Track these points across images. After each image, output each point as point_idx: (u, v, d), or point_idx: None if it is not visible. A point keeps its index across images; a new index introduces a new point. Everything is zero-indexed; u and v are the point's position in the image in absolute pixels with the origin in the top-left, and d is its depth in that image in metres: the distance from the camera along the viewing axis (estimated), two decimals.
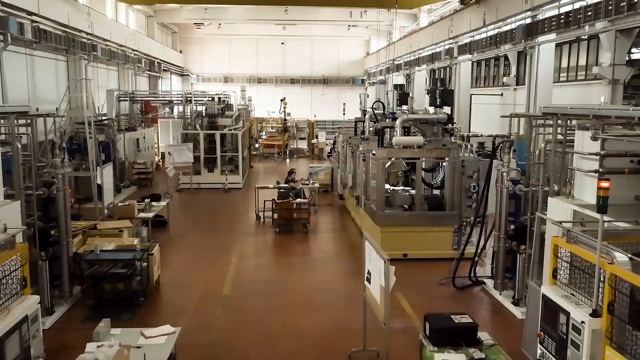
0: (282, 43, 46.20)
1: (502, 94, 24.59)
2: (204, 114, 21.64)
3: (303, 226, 14.03)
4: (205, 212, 16.93)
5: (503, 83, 24.77)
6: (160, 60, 36.68)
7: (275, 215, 14.12)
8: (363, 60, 47.18)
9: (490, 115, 24.03)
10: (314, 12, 37.92)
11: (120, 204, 12.63)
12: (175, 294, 9.75)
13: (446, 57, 25.70)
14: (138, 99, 23.61)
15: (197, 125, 21.26)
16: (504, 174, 8.85)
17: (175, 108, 31.30)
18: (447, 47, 25.77)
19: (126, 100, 23.01)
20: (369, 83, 45.58)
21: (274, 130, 36.21)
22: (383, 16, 37.15)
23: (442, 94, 11.80)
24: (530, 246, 8.31)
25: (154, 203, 13.89)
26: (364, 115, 16.19)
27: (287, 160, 31.27)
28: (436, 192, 13.09)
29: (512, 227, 8.85)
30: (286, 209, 14.14)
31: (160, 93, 27.51)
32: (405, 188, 12.73)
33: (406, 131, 11.84)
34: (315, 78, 46.85)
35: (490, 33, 21.26)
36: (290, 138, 33.96)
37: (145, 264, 9.39)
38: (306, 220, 14.05)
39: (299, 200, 14.25)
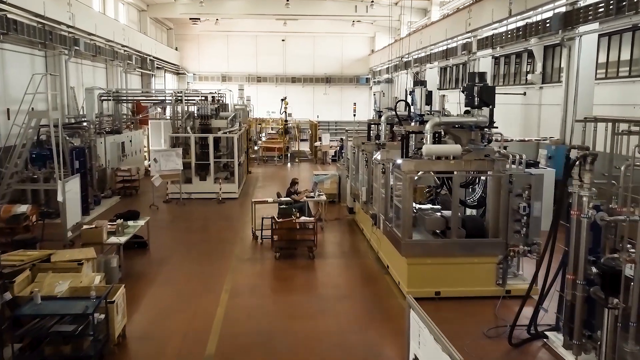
0: (283, 40, 44.14)
1: (524, 93, 22.24)
2: (195, 115, 19.35)
3: (308, 250, 11.73)
4: (195, 228, 14.62)
5: (526, 81, 22.46)
6: (154, 57, 34.47)
7: (276, 236, 11.84)
8: (368, 58, 45.00)
9: (512, 116, 21.74)
10: (316, 5, 35.77)
11: (85, 227, 10.34)
12: (143, 354, 7.45)
13: (463, 52, 23.43)
14: (123, 98, 21.29)
15: (188, 128, 18.97)
16: (585, 198, 6.55)
17: (168, 108, 29.06)
18: (464, 41, 23.50)
19: (109, 99, 20.67)
20: (374, 82, 43.35)
21: (274, 132, 33.94)
22: (389, 11, 34.96)
23: (481, 91, 9.50)
24: (626, 299, 6.05)
25: (130, 223, 11.59)
26: (379, 116, 13.88)
27: (288, 164, 29.00)
28: (465, 210, 10.85)
29: (595, 269, 6.55)
30: (288, 229, 11.86)
31: (148, 92, 25.18)
32: (435, 207, 10.41)
33: (436, 138, 9.53)
34: (317, 77, 44.84)
35: (517, 24, 18.99)
36: (291, 140, 31.67)
37: (103, 315, 7.11)
38: (312, 242, 11.76)
39: (303, 219, 11.94)
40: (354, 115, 28.13)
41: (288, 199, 13.60)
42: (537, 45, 19.53)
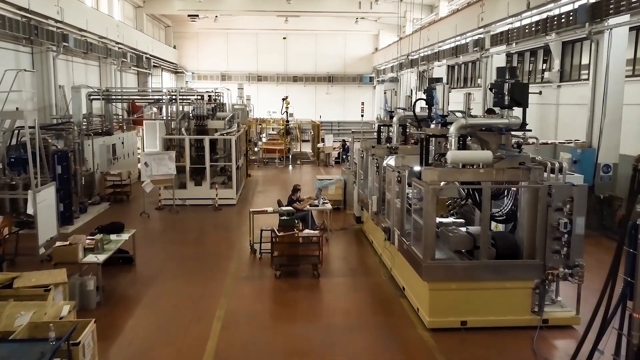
0: (284, 38, 42.92)
1: (540, 92, 20.93)
2: (190, 116, 18.07)
3: (312, 267, 10.44)
4: (187, 240, 13.32)
5: (542, 79, 21.19)
6: (150, 55, 33.21)
7: (276, 252, 10.55)
8: (371, 57, 43.73)
9: (527, 117, 20.39)
10: (318, 2, 34.51)
11: (59, 244, 9.06)
12: None
13: (475, 49, 22.13)
14: (114, 97, 20.00)
15: (183, 129, 17.68)
16: None
17: (164, 108, 27.79)
18: (475, 37, 22.20)
19: (99, 98, 19.39)
20: (378, 81, 42.07)
21: (275, 133, 32.67)
22: (395, 7, 33.68)
23: (513, 89, 8.22)
24: None
25: (113, 237, 10.32)
26: (390, 117, 12.58)
27: (290, 167, 27.72)
28: (490, 224, 9.54)
29: None
30: (290, 244, 10.57)
31: (141, 91, 23.89)
32: (457, 221, 9.11)
33: (460, 142, 8.24)
34: (319, 76, 43.61)
35: (534, 18, 17.71)
36: (292, 140, 30.39)
37: None
38: (316, 258, 10.47)
39: (307, 232, 10.66)
40: (362, 115, 26.79)
41: (289, 208, 12.31)
42: (555, 40, 18.26)
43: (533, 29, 17.44)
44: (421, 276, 7.88)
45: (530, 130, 8.54)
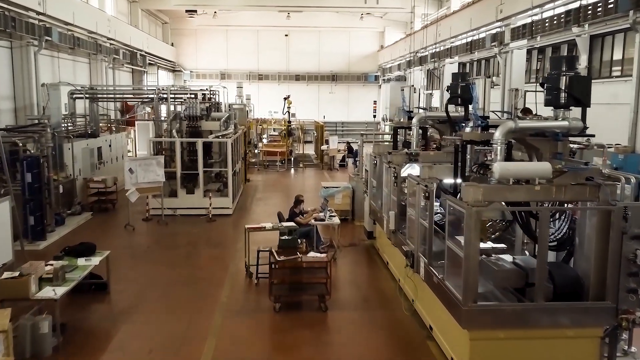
0: (286, 35, 41.26)
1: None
2: (182, 116, 16.38)
3: (319, 299, 8.72)
4: (174, 259, 11.59)
5: None
6: (146, 52, 31.53)
7: (275, 279, 8.84)
8: (377, 54, 42.03)
9: None
10: None
11: (6, 275, 7.35)
12: None
13: (493, 44, 20.38)
14: (100, 95, 18.28)
15: (174, 131, 15.98)
16: None
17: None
18: (494, 31, 20.47)
19: (82, 97, 17.69)
20: (383, 80, 40.33)
21: (276, 134, 30.97)
22: (402, 2, 31.99)
23: (572, 84, 6.50)
24: None
25: (81, 261, 8.63)
26: (408, 118, 10.85)
27: (292, 170, 26.03)
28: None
29: None
30: (292, 269, 8.87)
31: (130, 89, 22.18)
32: (497, 246, 7.33)
33: (506, 151, 6.50)
34: (322, 74, 41.97)
35: (559, 10, 15.99)
36: (294, 141, 28.68)
37: None
38: (324, 287, 8.76)
39: (312, 255, 8.95)
40: (374, 115, 25.05)
41: (291, 223, 10.60)
42: (583, 34, 16.51)
43: (562, 19, 15.71)
44: (460, 322, 6.16)
45: (594, 136, 6.80)
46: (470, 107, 7.27)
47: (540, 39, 17.94)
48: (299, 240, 9.38)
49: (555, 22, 16.11)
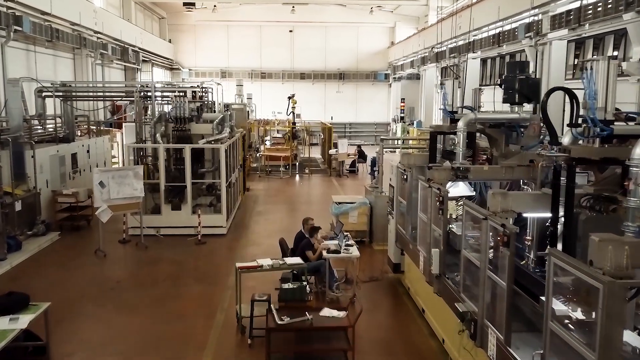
0: (291, 31, 38.82)
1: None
2: (168, 118, 13.88)
3: None
4: (148, 300, 9.06)
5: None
6: (139, 48, 29.09)
7: (274, 346, 6.30)
8: (387, 51, 39.51)
9: None
10: None
11: None
12: None
13: (527, 35, 17.79)
14: (74, 93, 15.77)
15: (158, 135, 13.48)
16: None
17: (150, 107, 23.56)
18: (528, 20, 17.89)
19: (51, 95, 15.19)
20: (394, 78, 37.77)
21: (280, 136, 28.45)
22: None
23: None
24: None
25: (4, 321, 6.14)
26: (452, 121, 8.27)
27: (297, 177, 23.52)
28: None
29: None
30: (298, 333, 6.35)
31: (110, 86, 19.64)
32: None
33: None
34: (329, 72, 39.53)
35: None
36: (299, 144, 26.15)
37: None
38: (342, 357, 6.21)
39: (326, 315, 6.40)
40: (402, 117, 22.42)
41: (297, 260, 8.05)
42: (635, 21, 13.91)
43: (617, 3, 13.12)
44: None
45: None
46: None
47: (589, 27, 15.34)
48: (308, 289, 6.82)
49: (610, 5, 13.51)
